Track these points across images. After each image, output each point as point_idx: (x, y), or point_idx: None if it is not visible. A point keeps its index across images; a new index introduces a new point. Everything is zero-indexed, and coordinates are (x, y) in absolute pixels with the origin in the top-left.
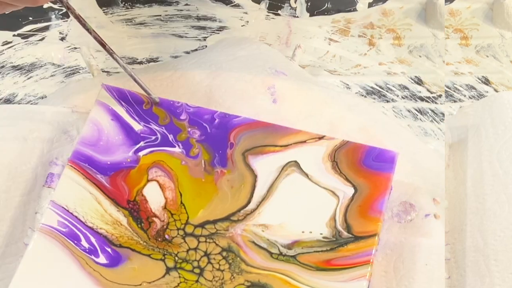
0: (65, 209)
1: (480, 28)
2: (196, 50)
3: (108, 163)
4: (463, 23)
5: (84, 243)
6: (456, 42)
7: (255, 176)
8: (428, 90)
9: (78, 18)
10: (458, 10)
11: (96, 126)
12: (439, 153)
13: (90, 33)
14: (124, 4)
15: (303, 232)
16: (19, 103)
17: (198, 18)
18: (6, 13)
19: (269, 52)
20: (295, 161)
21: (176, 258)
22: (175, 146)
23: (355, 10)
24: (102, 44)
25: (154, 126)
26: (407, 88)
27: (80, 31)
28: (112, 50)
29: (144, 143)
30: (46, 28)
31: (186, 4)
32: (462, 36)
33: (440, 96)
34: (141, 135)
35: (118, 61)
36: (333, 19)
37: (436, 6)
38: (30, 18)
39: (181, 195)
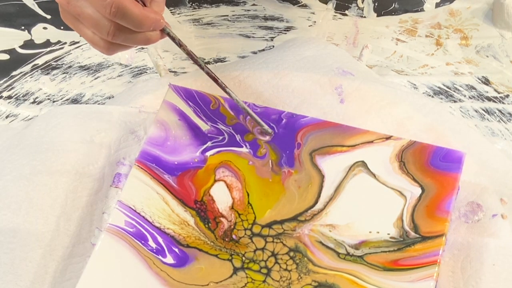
0: (132, 209)
1: (480, 28)
2: (263, 50)
3: (175, 163)
4: (463, 23)
5: (151, 243)
6: (456, 42)
7: (322, 176)
8: (496, 90)
9: (190, 54)
10: (458, 10)
11: (164, 126)
12: (506, 153)
13: (203, 68)
14: (191, 4)
15: (370, 232)
16: (86, 103)
17: (265, 18)
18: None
19: (336, 52)
20: (363, 161)
21: (244, 258)
22: (242, 146)
23: (422, 10)
24: (215, 80)
25: (221, 126)
26: (474, 88)
27: None
28: (224, 84)
29: (212, 143)
30: None
31: (253, 4)
32: (462, 36)
33: (507, 96)
34: (208, 135)
35: (231, 95)
36: (400, 19)
37: (503, 6)
38: None
39: (248, 195)
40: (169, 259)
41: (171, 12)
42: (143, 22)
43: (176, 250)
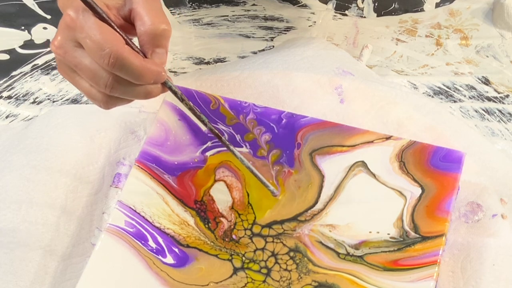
0: (132, 209)
1: (480, 28)
2: (263, 50)
3: (175, 163)
4: (463, 23)
5: (151, 243)
6: (456, 42)
7: (322, 176)
8: (495, 90)
9: (193, 109)
10: (458, 10)
11: (163, 126)
12: (506, 153)
13: (206, 124)
14: (191, 5)
15: (370, 232)
16: (86, 103)
17: (265, 19)
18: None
19: (336, 52)
20: (363, 161)
21: (244, 258)
22: (242, 146)
23: (422, 10)
24: (218, 136)
25: (221, 126)
26: (474, 88)
27: None
28: (228, 142)
29: (211, 143)
30: None
31: (253, 5)
32: (462, 36)
33: (507, 96)
34: (208, 135)
35: (235, 153)
36: (400, 19)
37: (503, 6)
38: None
39: (248, 195)
40: (169, 259)
41: (171, 12)
42: (143, 74)
43: (176, 250)
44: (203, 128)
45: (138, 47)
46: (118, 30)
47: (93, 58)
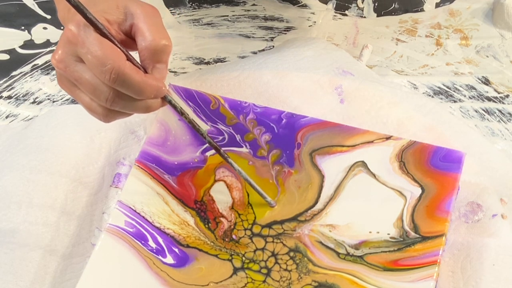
0: (132, 209)
1: (480, 28)
2: (263, 50)
3: (176, 163)
4: (463, 23)
5: (151, 243)
6: (456, 42)
7: (322, 176)
8: (495, 90)
9: (192, 123)
10: (458, 10)
11: (164, 126)
12: (506, 153)
13: (205, 137)
14: (192, 5)
15: (370, 232)
16: None
17: (265, 19)
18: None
19: (336, 52)
20: (363, 161)
21: (244, 258)
22: (242, 146)
23: (422, 10)
24: (217, 149)
25: (221, 126)
26: (474, 88)
27: None
28: (226, 155)
29: None
30: None
31: (253, 5)
32: (462, 36)
33: (507, 96)
34: (208, 135)
35: (233, 165)
36: (400, 19)
37: (503, 6)
38: None
39: (248, 195)
40: (169, 259)
41: (171, 12)
42: (144, 89)
43: (176, 250)
44: (204, 128)
45: (139, 62)
46: (119, 45)
47: (94, 73)
